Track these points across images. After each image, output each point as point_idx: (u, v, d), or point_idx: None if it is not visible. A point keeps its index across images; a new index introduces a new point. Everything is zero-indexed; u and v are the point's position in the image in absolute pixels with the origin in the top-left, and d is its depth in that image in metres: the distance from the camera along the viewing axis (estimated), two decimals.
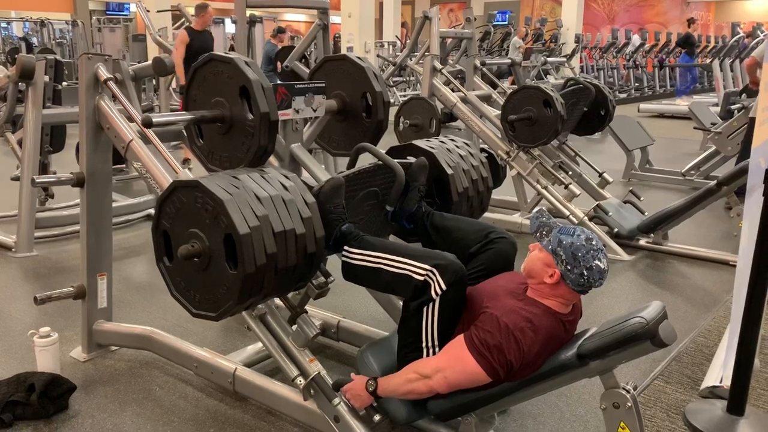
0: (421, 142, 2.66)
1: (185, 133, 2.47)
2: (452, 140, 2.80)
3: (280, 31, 8.90)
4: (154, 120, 2.23)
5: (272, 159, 2.47)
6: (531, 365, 1.86)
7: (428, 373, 1.91)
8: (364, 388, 2.01)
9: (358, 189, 2.27)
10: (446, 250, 2.05)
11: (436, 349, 1.97)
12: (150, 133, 2.40)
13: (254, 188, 1.92)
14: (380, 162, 2.31)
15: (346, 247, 2.09)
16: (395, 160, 2.31)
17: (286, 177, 2.06)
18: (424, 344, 1.97)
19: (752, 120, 5.01)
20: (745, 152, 5.09)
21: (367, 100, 2.68)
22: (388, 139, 2.96)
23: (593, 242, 1.87)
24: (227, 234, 1.83)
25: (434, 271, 1.91)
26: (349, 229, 2.11)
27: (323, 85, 2.52)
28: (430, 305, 1.94)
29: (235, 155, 2.25)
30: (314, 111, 2.49)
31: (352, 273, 2.11)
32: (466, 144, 2.81)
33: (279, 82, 2.49)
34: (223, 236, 1.84)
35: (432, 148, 2.60)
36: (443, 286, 1.90)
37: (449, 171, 2.55)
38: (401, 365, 2.02)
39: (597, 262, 1.85)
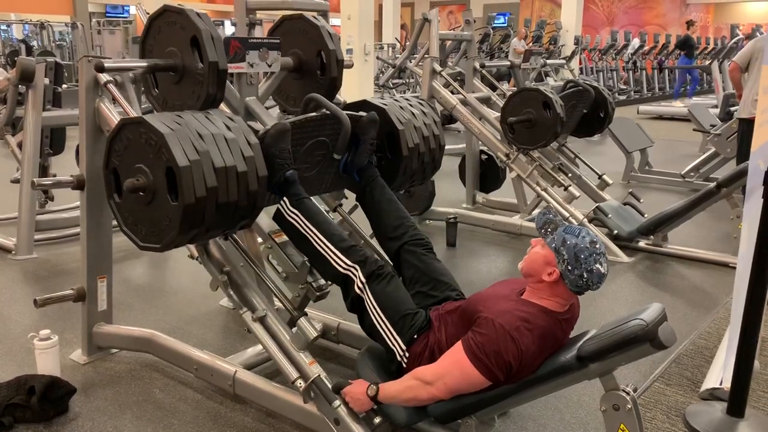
0: (374, 99, 2.76)
1: (142, 81, 2.55)
2: (406, 99, 2.88)
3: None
4: (107, 65, 2.37)
5: (227, 110, 2.52)
6: (530, 365, 1.87)
7: (429, 379, 1.92)
8: (365, 392, 2.01)
9: (307, 137, 2.35)
10: (371, 220, 2.43)
11: (399, 341, 2.08)
12: None
13: (196, 126, 2.04)
14: (328, 112, 2.35)
15: (285, 199, 2.23)
16: (345, 112, 2.37)
17: (231, 119, 2.16)
18: (388, 342, 2.10)
19: (741, 121, 5.02)
20: (740, 154, 5.09)
21: (322, 58, 2.75)
22: None
23: (597, 245, 1.88)
24: (168, 167, 1.93)
25: (356, 267, 2.13)
26: (293, 176, 2.24)
27: (278, 40, 2.59)
28: (366, 300, 2.12)
29: (187, 103, 2.33)
30: (269, 66, 2.55)
31: (281, 223, 2.28)
32: (420, 103, 2.87)
33: None
34: (164, 169, 1.94)
35: (384, 104, 2.69)
36: (363, 280, 2.11)
37: (400, 126, 2.64)
38: (393, 375, 2.05)
39: (598, 265, 1.86)
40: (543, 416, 2.39)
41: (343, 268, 2.15)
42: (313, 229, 2.20)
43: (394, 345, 2.09)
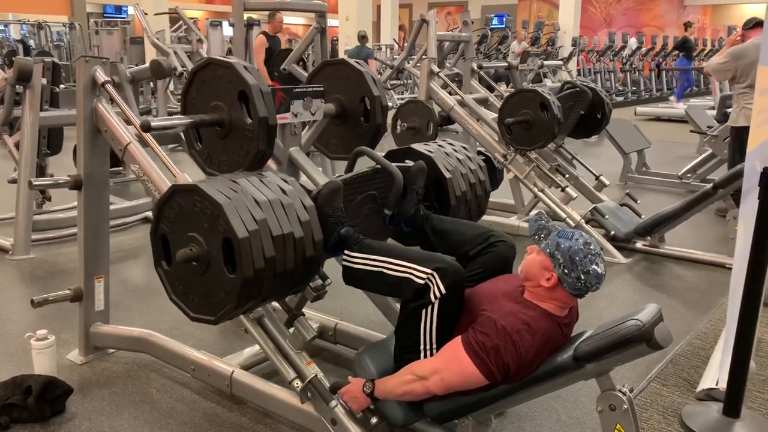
0: (419, 146, 2.67)
1: (183, 137, 2.47)
2: (450, 144, 2.81)
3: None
4: (153, 124, 2.23)
5: (270, 163, 2.47)
6: (527, 368, 1.87)
7: (425, 374, 1.92)
8: (361, 390, 2.01)
9: (356, 193, 2.28)
10: (446, 253, 2.06)
11: (434, 352, 1.97)
12: (147, 136, 2.41)
13: (253, 192, 1.93)
14: (378, 166, 2.31)
15: (346, 251, 2.09)
16: (393, 164, 2.31)
17: (285, 181, 2.06)
18: (422, 347, 1.98)
19: (733, 129, 5.00)
20: (733, 159, 5.10)
21: (366, 104, 2.69)
22: (385, 142, 2.97)
23: (591, 247, 1.88)
24: (226, 238, 1.83)
25: (434, 274, 1.92)
26: (348, 232, 2.11)
27: (321, 88, 2.53)
28: (430, 308, 1.94)
29: (234, 159, 2.25)
30: (312, 114, 2.50)
31: (353, 277, 2.11)
32: (464, 148, 2.82)
33: (278, 86, 2.50)
34: (221, 240, 1.84)
35: (430, 152, 2.61)
36: (442, 290, 1.91)
37: (447, 174, 2.56)
38: (399, 366, 2.03)
39: (594, 266, 1.86)
40: (539, 416, 2.40)
41: (423, 278, 1.94)
42: (384, 258, 2.03)
43: (426, 350, 1.98)
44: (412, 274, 1.95)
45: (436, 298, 1.92)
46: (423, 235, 2.38)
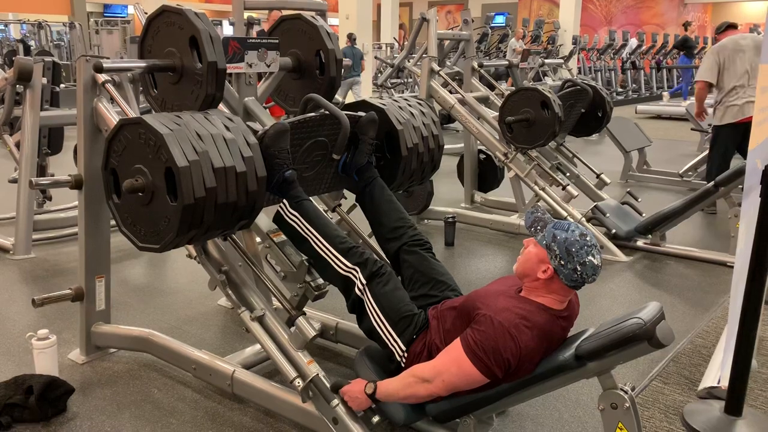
0: (373, 99, 2.76)
1: (141, 82, 2.54)
2: (405, 99, 2.88)
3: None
4: (105, 66, 2.36)
5: (226, 111, 2.52)
6: (528, 363, 1.87)
7: (426, 377, 1.92)
8: (363, 391, 2.01)
9: (306, 138, 2.35)
10: (370, 220, 2.43)
11: (399, 342, 2.08)
12: None
13: (195, 126, 2.03)
14: (327, 112, 2.35)
15: (284, 201, 2.23)
16: (344, 112, 2.37)
17: (230, 119, 2.16)
18: (387, 343, 2.10)
19: (715, 128, 5.05)
20: (712, 158, 5.15)
21: (321, 57, 2.75)
22: None
23: (587, 238, 1.88)
24: (168, 167, 1.92)
25: (356, 269, 2.13)
26: (292, 176, 2.24)
27: (276, 41, 2.59)
28: (366, 301, 2.12)
29: (185, 104, 2.32)
30: (268, 66, 2.54)
31: (281, 225, 2.28)
32: (419, 102, 2.87)
33: None
34: (164, 170, 1.93)
35: (383, 104, 2.69)
36: (364, 281, 2.12)
37: (399, 126, 2.64)
38: (391, 374, 2.05)
39: (590, 257, 1.86)
40: (541, 415, 2.40)
41: (344, 270, 2.15)
42: (313, 231, 2.20)
43: (393, 346, 2.09)
44: (334, 261, 2.17)
45: (361, 290, 2.13)
46: (362, 195, 2.52)
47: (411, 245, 2.35)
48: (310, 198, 2.33)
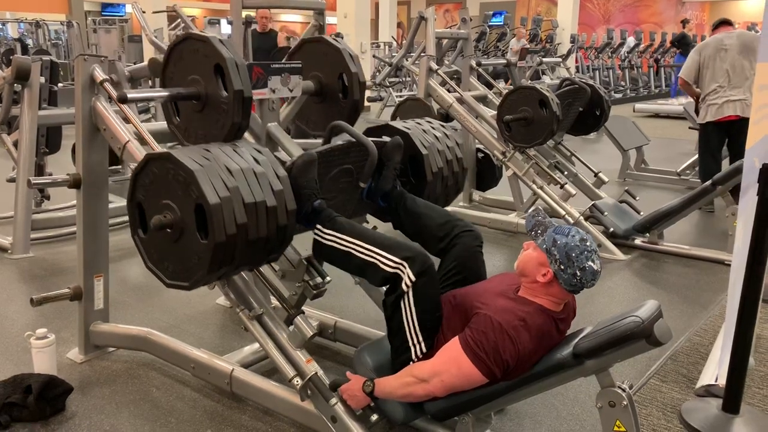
0: (397, 123, 2.72)
1: (162, 110, 2.50)
2: (428, 122, 2.85)
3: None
4: (129, 96, 2.28)
5: (249, 138, 2.50)
6: (526, 363, 1.87)
7: (425, 376, 1.92)
8: (361, 389, 2.01)
9: (332, 166, 2.31)
10: (413, 234, 2.26)
11: (422, 345, 1.99)
12: (146, 134, 2.41)
13: (225, 160, 1.98)
14: (354, 140, 2.33)
15: (318, 226, 2.14)
16: (370, 139, 2.34)
17: (259, 151, 2.11)
18: (409, 341, 2.01)
19: (701, 126, 5.10)
20: (702, 157, 5.18)
21: (344, 80, 2.72)
22: None
23: (587, 243, 1.88)
24: (198, 204, 1.88)
25: (404, 263, 1.97)
26: (321, 205, 2.16)
27: (299, 65, 2.56)
28: (405, 298, 1.98)
29: (211, 132, 2.29)
30: (291, 91, 2.52)
31: (322, 252, 2.17)
32: (442, 125, 2.86)
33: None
34: (194, 206, 1.89)
35: (407, 128, 2.66)
36: (412, 278, 1.96)
37: (424, 151, 2.60)
38: (397, 368, 2.03)
39: (590, 263, 1.86)
40: (539, 413, 2.40)
41: (392, 267, 1.99)
42: (353, 240, 2.08)
43: (414, 345, 2.01)
44: (379, 260, 2.01)
45: (408, 286, 1.96)
46: (395, 214, 2.43)
47: (463, 235, 2.27)
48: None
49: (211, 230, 1.86)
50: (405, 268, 1.97)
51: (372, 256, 2.03)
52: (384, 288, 2.09)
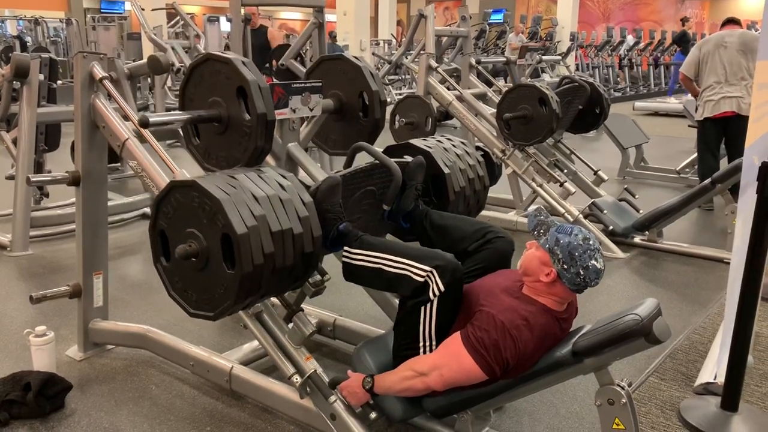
0: (418, 142, 2.67)
1: (182, 132, 2.47)
2: (449, 139, 2.80)
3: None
4: (151, 120, 2.23)
5: (269, 158, 2.47)
6: (526, 362, 1.87)
7: (424, 370, 1.92)
8: (361, 386, 2.02)
9: (355, 188, 2.28)
10: (444, 249, 2.06)
11: (434, 348, 1.98)
12: (145, 132, 2.40)
13: (251, 188, 1.92)
14: (377, 161, 2.31)
15: (346, 248, 2.09)
16: (392, 160, 2.31)
17: (284, 176, 2.05)
18: (421, 343, 1.98)
19: (699, 123, 5.12)
20: (700, 154, 5.18)
21: (364, 99, 2.68)
22: (384, 137, 2.97)
23: (590, 242, 1.88)
24: (225, 234, 1.82)
25: (434, 272, 1.92)
26: (347, 228, 2.10)
27: (320, 84, 2.52)
28: (429, 305, 1.94)
29: (232, 155, 2.24)
30: (311, 110, 2.49)
31: (352, 273, 2.11)
32: (463, 143, 2.82)
33: (275, 81, 2.49)
34: (220, 236, 1.84)
35: (429, 147, 2.61)
36: (441, 288, 1.91)
37: (446, 170, 2.56)
38: (397, 363, 2.03)
39: (593, 262, 1.86)
40: (538, 411, 2.40)
41: (422, 276, 1.94)
42: (383, 255, 2.03)
43: (425, 347, 1.99)
44: (410, 271, 1.95)
45: (435, 295, 1.92)
46: (422, 230, 2.38)
47: (496, 240, 2.24)
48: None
49: (239, 260, 1.82)
50: (434, 276, 1.92)
51: (403, 268, 1.98)
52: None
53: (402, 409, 2.05)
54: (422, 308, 1.95)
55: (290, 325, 2.18)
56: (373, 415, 2.07)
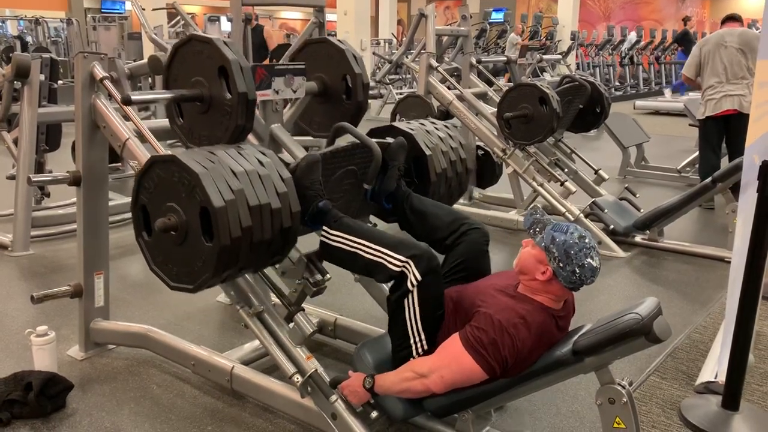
0: (401, 124, 2.72)
1: (166, 112, 2.50)
2: (432, 122, 2.85)
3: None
4: (133, 98, 2.27)
5: (252, 139, 2.50)
6: (525, 361, 1.88)
7: (424, 372, 1.92)
8: (361, 385, 2.02)
9: (336, 167, 2.31)
10: (421, 233, 2.24)
11: (424, 343, 1.99)
12: (146, 131, 2.41)
13: (230, 163, 1.97)
14: (358, 141, 2.34)
15: (325, 227, 2.15)
16: (374, 140, 2.34)
17: (263, 153, 2.11)
18: (411, 340, 2.00)
19: (700, 122, 5.12)
20: (702, 153, 5.19)
21: (347, 82, 2.72)
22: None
23: (586, 240, 1.89)
24: (203, 207, 1.88)
25: (410, 262, 1.96)
26: (326, 206, 2.15)
27: (303, 66, 2.55)
28: (410, 296, 1.97)
29: (214, 134, 2.28)
30: (294, 92, 2.52)
31: (330, 254, 2.17)
32: (446, 126, 2.86)
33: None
34: (198, 209, 1.89)
35: (411, 129, 2.66)
36: (419, 277, 1.95)
37: (428, 152, 2.61)
38: (396, 365, 2.04)
39: (589, 260, 1.86)
40: (539, 410, 2.40)
41: (398, 266, 1.98)
42: (360, 240, 2.08)
43: (416, 342, 2.01)
44: (386, 260, 2.01)
45: (413, 285, 1.95)
46: (402, 213, 2.42)
47: (472, 232, 2.28)
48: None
49: (216, 233, 1.86)
50: (411, 266, 1.96)
51: (379, 256, 2.02)
52: (388, 285, 2.09)
53: (403, 408, 2.05)
54: (405, 302, 1.98)
55: (291, 325, 2.18)
56: (374, 414, 2.07)
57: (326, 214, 2.14)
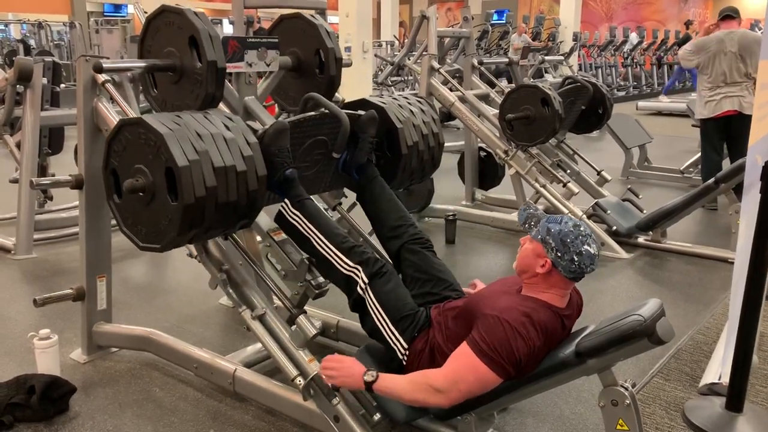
0: (373, 98, 2.77)
1: (140, 82, 2.55)
2: (405, 97, 2.89)
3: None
4: (105, 66, 2.37)
5: (227, 111, 2.53)
6: (535, 359, 1.86)
7: (442, 387, 1.84)
8: (361, 375, 1.93)
9: (306, 137, 2.36)
10: (369, 218, 2.44)
11: (401, 340, 2.07)
12: None
13: (195, 126, 2.04)
14: (327, 111, 2.36)
15: (286, 201, 2.23)
16: (345, 111, 2.38)
17: (230, 119, 2.17)
18: (388, 340, 2.09)
19: (701, 123, 5.12)
20: (704, 153, 5.19)
21: (320, 56, 2.75)
22: None
23: (581, 228, 1.89)
24: (168, 167, 1.94)
25: (358, 268, 2.12)
26: (293, 174, 2.24)
27: (276, 40, 2.60)
28: (367, 299, 2.11)
29: (186, 103, 2.34)
30: (268, 65, 2.55)
31: (283, 224, 2.28)
32: (419, 101, 2.88)
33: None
34: (164, 170, 1.95)
35: (383, 103, 2.70)
36: (366, 280, 2.11)
37: (399, 125, 2.65)
38: (392, 368, 2.05)
39: (586, 246, 1.86)
40: (542, 412, 2.40)
41: (347, 270, 2.15)
42: (315, 231, 2.20)
43: (395, 344, 2.08)
44: (336, 261, 2.16)
45: (363, 288, 2.11)
46: (362, 191, 2.52)
47: (412, 243, 2.35)
48: (311, 197, 2.33)
49: (180, 192, 1.93)
50: (359, 272, 2.12)
51: (330, 254, 2.17)
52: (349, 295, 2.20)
53: (405, 411, 2.05)
54: (366, 305, 2.12)
55: (293, 327, 2.18)
56: (376, 417, 2.06)
57: (292, 184, 2.23)
